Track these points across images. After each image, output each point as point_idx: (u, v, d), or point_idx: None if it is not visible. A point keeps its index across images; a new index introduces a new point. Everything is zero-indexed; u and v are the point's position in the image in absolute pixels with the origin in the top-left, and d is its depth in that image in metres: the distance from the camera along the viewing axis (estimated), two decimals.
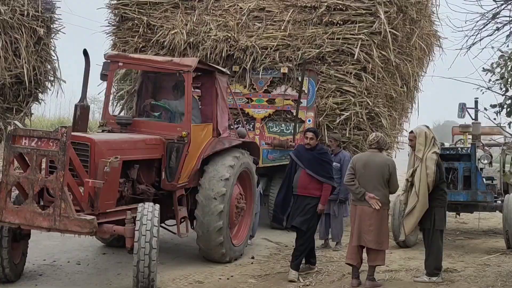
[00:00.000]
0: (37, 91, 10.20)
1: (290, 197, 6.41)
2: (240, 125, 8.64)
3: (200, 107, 7.19)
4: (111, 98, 8.24)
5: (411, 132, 6.32)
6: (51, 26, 10.34)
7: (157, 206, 5.49)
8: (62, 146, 5.02)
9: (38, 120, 18.16)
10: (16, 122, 5.33)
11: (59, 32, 10.44)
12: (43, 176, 5.21)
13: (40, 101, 10.66)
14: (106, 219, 5.56)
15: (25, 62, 9.48)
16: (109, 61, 6.82)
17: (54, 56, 10.43)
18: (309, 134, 6.40)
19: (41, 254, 6.71)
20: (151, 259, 5.17)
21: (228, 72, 8.00)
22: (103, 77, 6.94)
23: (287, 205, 6.41)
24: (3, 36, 9.18)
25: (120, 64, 6.88)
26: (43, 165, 5.55)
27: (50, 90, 10.40)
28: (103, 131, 6.74)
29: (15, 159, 5.24)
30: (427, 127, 6.27)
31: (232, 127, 7.85)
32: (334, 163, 7.82)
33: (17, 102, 9.87)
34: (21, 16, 9.43)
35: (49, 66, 10.30)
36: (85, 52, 6.54)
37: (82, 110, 6.44)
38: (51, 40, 10.44)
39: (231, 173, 6.67)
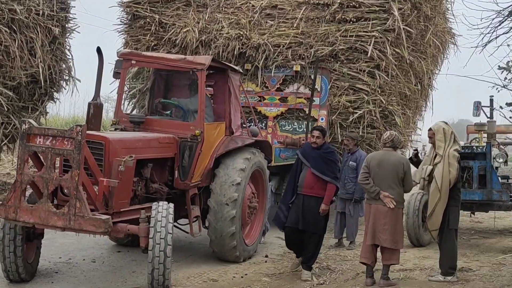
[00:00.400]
0: (52, 90, 10.28)
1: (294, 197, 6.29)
2: (252, 124, 8.62)
3: (212, 105, 7.19)
4: (123, 96, 8.26)
5: (430, 129, 6.25)
6: (66, 25, 10.41)
7: (171, 204, 5.49)
8: (77, 144, 5.01)
9: (53, 119, 18.28)
10: (30, 120, 5.32)
11: (74, 32, 10.51)
12: (58, 175, 5.19)
13: (55, 100, 10.73)
14: (120, 218, 5.55)
15: (41, 61, 9.54)
16: (122, 59, 6.81)
17: (69, 55, 10.51)
18: (316, 133, 6.33)
19: (57, 252, 6.76)
20: (166, 255, 5.16)
21: (241, 70, 7.98)
22: (116, 75, 6.94)
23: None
24: (19, 36, 9.25)
25: (133, 62, 6.85)
26: (58, 164, 5.56)
27: (65, 89, 10.48)
28: (116, 129, 6.75)
29: (29, 158, 5.23)
30: (445, 122, 6.20)
31: (244, 125, 7.84)
32: (350, 162, 7.81)
33: (32, 101, 9.94)
34: (36, 16, 9.50)
35: (64, 65, 10.37)
36: (99, 50, 6.53)
37: (95, 108, 6.44)
38: (66, 39, 10.50)
39: (243, 176, 6.63)
